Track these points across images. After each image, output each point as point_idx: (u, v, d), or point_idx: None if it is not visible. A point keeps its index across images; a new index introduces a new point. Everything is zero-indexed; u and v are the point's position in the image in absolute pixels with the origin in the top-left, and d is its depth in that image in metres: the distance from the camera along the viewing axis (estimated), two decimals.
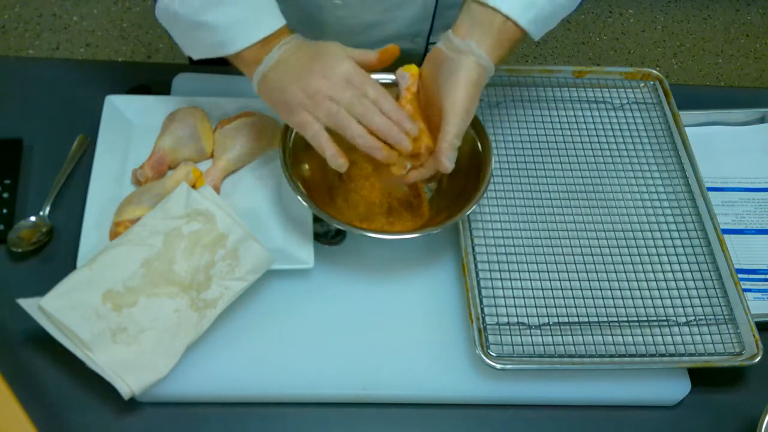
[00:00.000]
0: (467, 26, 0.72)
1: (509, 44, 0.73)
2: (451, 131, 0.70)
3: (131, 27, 2.17)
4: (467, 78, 0.70)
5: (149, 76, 0.94)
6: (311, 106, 0.71)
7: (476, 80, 0.71)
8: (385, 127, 0.70)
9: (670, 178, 0.89)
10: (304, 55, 0.73)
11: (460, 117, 0.70)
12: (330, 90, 0.70)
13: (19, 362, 0.73)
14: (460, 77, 0.70)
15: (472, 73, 0.71)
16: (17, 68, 0.97)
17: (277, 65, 0.73)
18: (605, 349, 0.75)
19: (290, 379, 0.74)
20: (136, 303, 0.70)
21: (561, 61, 2.28)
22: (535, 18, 0.72)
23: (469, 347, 0.76)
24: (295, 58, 0.73)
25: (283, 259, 0.77)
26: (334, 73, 0.71)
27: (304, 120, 0.71)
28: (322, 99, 0.70)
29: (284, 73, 0.72)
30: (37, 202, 0.83)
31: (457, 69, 0.71)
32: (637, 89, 0.97)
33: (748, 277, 0.85)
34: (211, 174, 0.82)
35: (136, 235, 0.73)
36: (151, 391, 0.70)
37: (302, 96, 0.71)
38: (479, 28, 0.72)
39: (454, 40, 0.72)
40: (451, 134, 0.70)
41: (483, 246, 0.81)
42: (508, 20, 0.71)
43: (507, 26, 0.72)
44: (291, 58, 0.73)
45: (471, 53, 0.71)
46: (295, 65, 0.72)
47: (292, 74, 0.72)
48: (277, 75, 0.73)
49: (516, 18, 0.71)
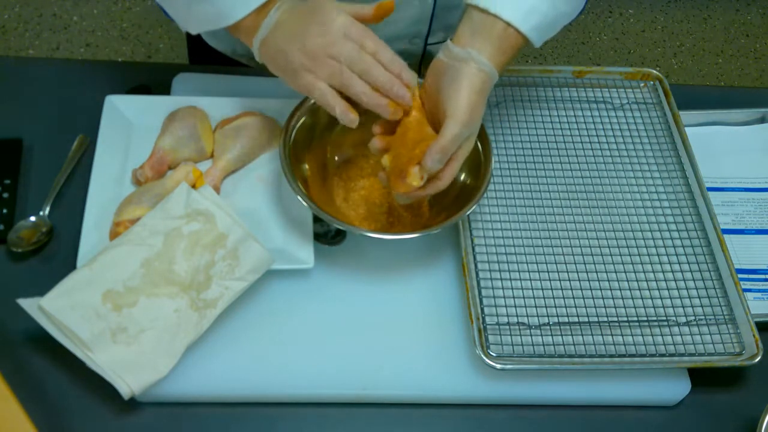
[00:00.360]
0: (468, 35, 0.71)
1: (511, 51, 0.72)
2: (446, 135, 0.68)
3: (131, 27, 2.17)
4: (469, 85, 0.69)
5: (149, 76, 0.94)
6: (313, 67, 0.71)
7: (479, 87, 0.70)
8: (387, 82, 0.70)
9: (670, 178, 0.89)
10: (300, 14, 0.72)
11: (459, 123, 0.68)
12: (329, 47, 0.70)
13: (19, 362, 0.73)
14: (462, 84, 0.69)
15: (475, 80, 0.69)
16: (17, 68, 0.97)
17: (275, 29, 0.72)
18: (605, 349, 0.75)
19: (290, 379, 0.74)
20: (136, 303, 0.70)
21: (561, 61, 2.28)
22: (537, 25, 0.72)
23: (469, 347, 0.76)
24: (292, 19, 0.72)
25: (283, 259, 0.77)
26: (332, 30, 0.70)
27: (308, 82, 0.72)
28: (322, 58, 0.70)
29: (282, 35, 0.72)
30: (37, 202, 0.83)
31: (458, 77, 0.70)
32: (637, 89, 0.97)
33: (748, 277, 0.85)
34: (211, 174, 0.82)
35: (136, 235, 0.73)
36: (151, 391, 0.70)
37: (303, 57, 0.71)
38: (480, 36, 0.70)
39: (454, 50, 0.71)
40: (445, 138, 0.68)
41: (483, 246, 0.81)
42: (510, 27, 0.70)
43: (508, 33, 0.71)
44: (287, 20, 0.72)
45: (472, 60, 0.69)
46: (292, 26, 0.72)
47: (290, 35, 0.71)
48: (275, 38, 0.72)
49: (517, 25, 0.70)
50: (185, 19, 0.78)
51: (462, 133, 0.69)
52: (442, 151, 0.69)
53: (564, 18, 0.76)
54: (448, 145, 0.69)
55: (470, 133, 0.71)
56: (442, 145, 0.68)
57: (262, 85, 0.91)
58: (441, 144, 0.69)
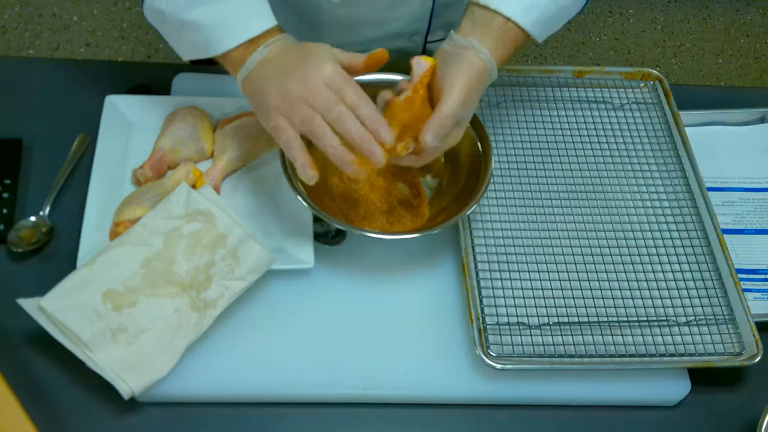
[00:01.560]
0: (469, 27, 0.73)
1: (512, 44, 0.74)
2: (443, 110, 0.69)
3: (131, 27, 2.17)
4: (468, 68, 0.71)
5: (149, 76, 0.94)
6: (287, 111, 0.68)
7: (477, 72, 0.71)
8: (358, 139, 0.67)
9: (670, 178, 0.89)
10: (288, 56, 0.71)
11: (456, 99, 0.70)
12: (307, 93, 0.67)
13: (19, 362, 0.73)
14: (461, 67, 0.71)
15: (473, 66, 0.71)
16: (17, 68, 0.97)
17: (260, 66, 0.71)
18: (605, 349, 0.75)
19: (290, 379, 0.74)
20: (136, 303, 0.70)
21: (561, 61, 2.28)
22: (537, 19, 0.73)
23: (469, 347, 0.76)
24: (278, 59, 0.71)
25: (283, 259, 0.77)
26: (315, 76, 0.68)
27: (278, 125, 0.69)
28: (297, 103, 0.68)
29: (265, 74, 0.70)
30: (37, 202, 0.83)
31: (457, 60, 0.71)
32: (637, 89, 0.97)
33: (748, 277, 0.85)
34: (211, 174, 0.82)
35: (136, 235, 0.73)
36: (151, 391, 0.70)
37: (278, 99, 0.68)
38: (480, 29, 0.72)
39: (457, 39, 0.73)
40: (442, 112, 0.69)
41: (483, 246, 0.81)
42: (509, 21, 0.72)
43: (508, 27, 0.72)
44: (275, 58, 0.71)
45: (473, 48, 0.71)
46: (277, 66, 0.70)
47: (273, 76, 0.70)
48: (258, 75, 0.71)
49: (517, 20, 0.72)
50: (177, 46, 0.77)
51: (457, 110, 0.70)
52: (439, 125, 0.69)
53: (566, 12, 0.77)
54: (444, 119, 0.69)
55: (464, 114, 0.72)
56: (439, 119, 0.69)
57: None
58: (438, 119, 0.69)
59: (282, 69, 0.70)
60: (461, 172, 0.82)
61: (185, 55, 0.76)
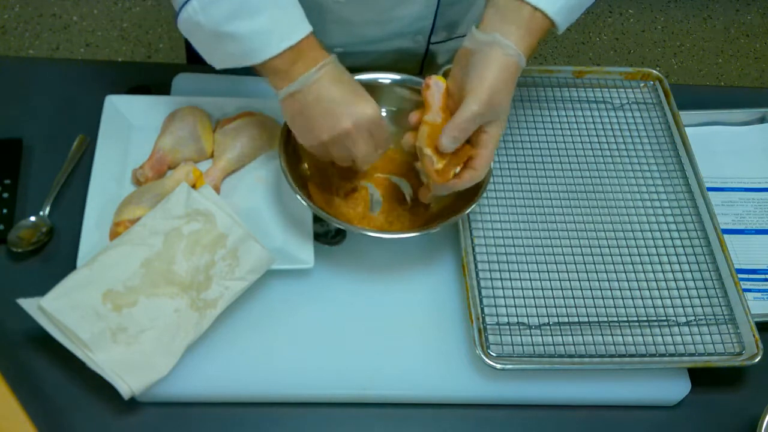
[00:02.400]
0: (495, 20, 0.70)
1: (537, 34, 0.71)
2: (463, 112, 0.68)
3: (131, 27, 2.17)
4: (492, 66, 0.68)
5: (149, 76, 0.94)
6: (330, 147, 0.74)
7: (503, 69, 0.69)
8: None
9: (670, 178, 0.89)
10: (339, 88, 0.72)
11: (477, 101, 0.67)
12: (351, 140, 0.72)
13: (19, 362, 0.73)
14: (485, 65, 0.68)
15: (498, 63, 0.68)
16: (17, 68, 0.97)
17: (310, 88, 0.71)
18: (605, 349, 0.75)
19: (290, 379, 0.74)
20: (136, 303, 0.70)
21: (561, 61, 2.28)
22: (562, 7, 0.71)
23: (469, 347, 0.76)
24: (330, 87, 0.72)
25: (283, 259, 0.77)
26: (362, 121, 0.72)
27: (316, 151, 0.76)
28: (340, 147, 0.73)
29: (315, 101, 0.72)
30: (37, 202, 0.83)
31: (483, 59, 0.69)
32: (637, 89, 0.97)
33: (748, 277, 0.85)
34: (211, 174, 0.82)
35: (136, 235, 0.73)
36: (151, 391, 0.70)
37: (326, 135, 0.72)
38: (507, 21, 0.70)
39: (478, 35, 0.70)
40: (460, 115, 0.68)
41: (483, 246, 0.81)
42: (537, 11, 0.69)
43: (536, 16, 0.70)
44: (326, 86, 0.72)
45: (497, 44, 0.69)
46: (327, 96, 0.71)
47: (322, 107, 0.72)
48: (307, 99, 0.72)
49: (544, 8, 0.69)
50: (210, 55, 0.76)
51: (480, 111, 0.68)
52: (457, 129, 0.68)
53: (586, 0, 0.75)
54: (463, 123, 0.68)
55: (492, 115, 0.70)
56: (456, 122, 0.68)
57: (262, 85, 0.90)
58: (456, 121, 0.68)
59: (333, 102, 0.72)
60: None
61: (218, 64, 0.75)
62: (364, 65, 0.77)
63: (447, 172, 0.71)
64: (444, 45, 0.99)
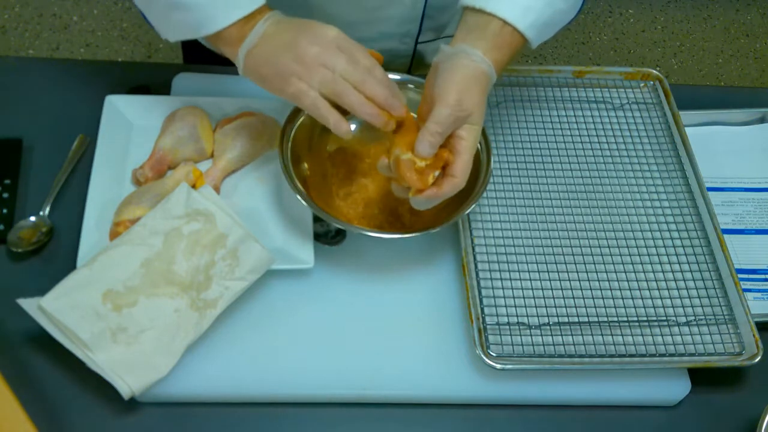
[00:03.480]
0: (463, 34, 0.72)
1: (508, 49, 0.72)
2: (434, 117, 0.68)
3: (131, 27, 2.17)
4: (457, 72, 0.69)
5: (149, 76, 0.94)
6: (305, 74, 0.69)
7: (469, 75, 0.69)
8: (382, 94, 0.69)
9: (670, 178, 0.89)
10: (290, 26, 0.71)
11: (445, 104, 0.68)
12: (323, 56, 0.69)
13: (19, 362, 0.73)
14: (450, 73, 0.69)
15: (464, 69, 0.69)
16: (17, 68, 0.97)
17: (264, 39, 0.71)
18: (605, 349, 0.75)
19: (290, 379, 0.74)
20: (136, 303, 0.70)
21: (561, 61, 2.28)
22: (533, 23, 0.72)
23: (469, 347, 0.76)
24: (281, 30, 0.71)
25: (283, 259, 0.77)
26: (325, 40, 0.69)
27: (298, 89, 0.69)
28: (315, 66, 0.69)
29: (273, 45, 0.71)
30: (37, 202, 0.83)
31: (450, 67, 0.70)
32: (637, 89, 0.97)
33: (748, 277, 0.85)
34: (211, 174, 0.82)
35: (136, 235, 0.73)
36: (151, 391, 0.70)
37: (294, 65, 0.69)
38: (474, 34, 0.71)
39: (446, 50, 0.71)
40: (433, 121, 0.68)
41: (483, 246, 0.81)
42: (506, 25, 0.71)
43: (505, 31, 0.71)
44: (277, 30, 0.71)
45: (463, 53, 0.70)
46: (282, 36, 0.70)
47: (282, 45, 0.70)
48: (265, 48, 0.71)
49: (513, 22, 0.70)
50: (164, 27, 0.76)
51: (450, 113, 0.68)
52: (431, 134, 0.68)
53: (562, 16, 0.76)
54: (436, 126, 0.68)
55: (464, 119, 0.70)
56: (430, 127, 0.68)
57: None
58: (429, 126, 0.68)
59: (288, 38, 0.70)
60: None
61: (172, 36, 0.75)
62: None
63: (426, 175, 0.70)
64: (432, 45, 0.99)
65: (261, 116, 0.86)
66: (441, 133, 0.69)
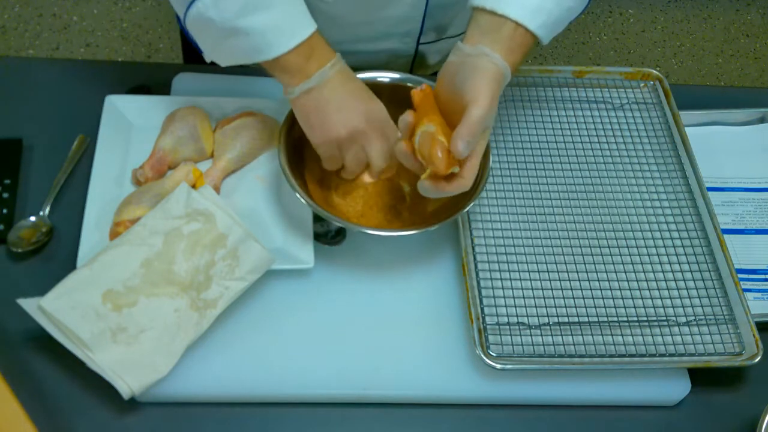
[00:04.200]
0: (477, 36, 0.71)
1: (521, 50, 0.72)
2: (472, 117, 0.67)
3: (131, 27, 2.17)
4: (487, 75, 0.69)
5: (149, 76, 0.94)
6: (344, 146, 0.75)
7: (496, 78, 0.69)
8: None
9: (670, 178, 0.89)
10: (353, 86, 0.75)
11: (483, 107, 0.67)
12: (366, 138, 0.75)
13: (19, 362, 0.73)
14: (480, 74, 0.69)
15: (491, 72, 0.69)
16: (17, 68, 0.97)
17: (326, 85, 0.73)
18: (605, 349, 0.75)
19: (290, 379, 0.74)
20: (136, 303, 0.70)
21: (561, 61, 2.28)
22: (544, 23, 0.71)
23: (469, 347, 0.76)
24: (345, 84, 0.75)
25: (283, 259, 0.77)
26: (376, 119, 0.75)
27: (332, 155, 0.77)
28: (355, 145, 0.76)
29: (331, 98, 0.74)
30: (37, 202, 0.83)
31: (474, 68, 0.69)
32: (637, 89, 0.97)
33: (748, 277, 0.85)
34: (211, 174, 0.82)
35: (136, 235, 0.73)
36: (151, 391, 0.70)
37: (343, 132, 0.74)
38: (489, 36, 0.70)
39: (465, 48, 0.71)
40: (471, 119, 0.67)
41: (483, 246, 0.81)
42: (519, 27, 0.70)
43: (518, 33, 0.71)
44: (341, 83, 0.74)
45: (485, 55, 0.69)
46: (342, 93, 0.74)
47: (339, 104, 0.74)
48: (323, 95, 0.73)
49: (526, 23, 0.70)
50: (217, 52, 0.76)
51: (485, 115, 0.68)
52: (469, 133, 0.67)
53: (570, 13, 0.76)
54: (474, 126, 0.67)
55: (492, 118, 0.70)
56: (468, 126, 0.67)
57: (262, 85, 0.91)
58: (467, 126, 0.67)
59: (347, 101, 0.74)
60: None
61: (224, 62, 0.75)
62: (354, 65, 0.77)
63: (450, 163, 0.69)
64: (434, 45, 0.99)
65: (261, 116, 0.86)
66: (477, 133, 0.68)
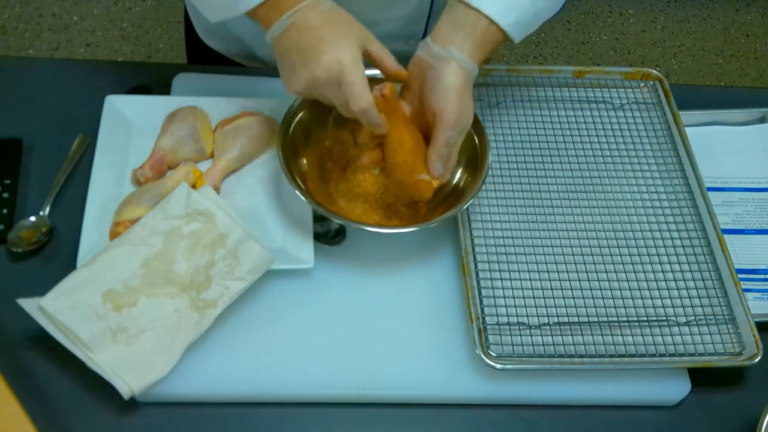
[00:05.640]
0: (449, 29, 0.72)
1: (490, 47, 0.74)
2: (438, 141, 0.72)
3: (131, 27, 2.17)
4: (453, 86, 0.71)
5: (149, 76, 0.94)
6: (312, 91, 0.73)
7: (463, 85, 0.71)
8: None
9: (670, 178, 0.89)
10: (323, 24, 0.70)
11: (449, 127, 0.71)
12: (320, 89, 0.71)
13: (19, 362, 0.73)
14: (447, 85, 0.71)
15: (458, 80, 0.71)
16: (17, 68, 0.97)
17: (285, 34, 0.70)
18: (605, 349, 0.75)
19: (290, 379, 0.74)
20: (136, 303, 0.70)
21: (561, 61, 2.28)
22: (516, 21, 0.73)
23: (469, 347, 0.76)
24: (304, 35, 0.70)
25: (283, 259, 0.77)
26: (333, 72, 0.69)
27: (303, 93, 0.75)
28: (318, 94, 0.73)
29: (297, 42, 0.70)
30: (37, 202, 0.83)
31: (441, 77, 0.71)
32: (637, 89, 0.97)
33: (748, 277, 0.85)
34: (211, 174, 0.82)
35: (136, 235, 0.73)
36: (151, 391, 0.70)
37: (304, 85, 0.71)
38: (461, 32, 0.71)
39: (434, 48, 0.72)
40: (437, 144, 0.72)
41: (483, 246, 0.81)
42: (492, 24, 0.72)
43: (490, 30, 0.72)
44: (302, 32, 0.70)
45: (453, 59, 0.71)
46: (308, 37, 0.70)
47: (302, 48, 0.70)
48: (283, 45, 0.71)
49: (498, 20, 0.72)
50: (204, 7, 0.77)
51: (452, 135, 0.72)
52: (440, 157, 0.73)
53: (544, 14, 0.77)
54: (442, 150, 0.73)
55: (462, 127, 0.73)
56: (437, 152, 0.72)
57: (262, 85, 0.91)
58: (436, 151, 0.72)
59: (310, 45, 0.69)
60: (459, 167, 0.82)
61: (213, 17, 0.76)
62: None
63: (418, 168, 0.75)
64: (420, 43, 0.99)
65: (261, 116, 0.86)
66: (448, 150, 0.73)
